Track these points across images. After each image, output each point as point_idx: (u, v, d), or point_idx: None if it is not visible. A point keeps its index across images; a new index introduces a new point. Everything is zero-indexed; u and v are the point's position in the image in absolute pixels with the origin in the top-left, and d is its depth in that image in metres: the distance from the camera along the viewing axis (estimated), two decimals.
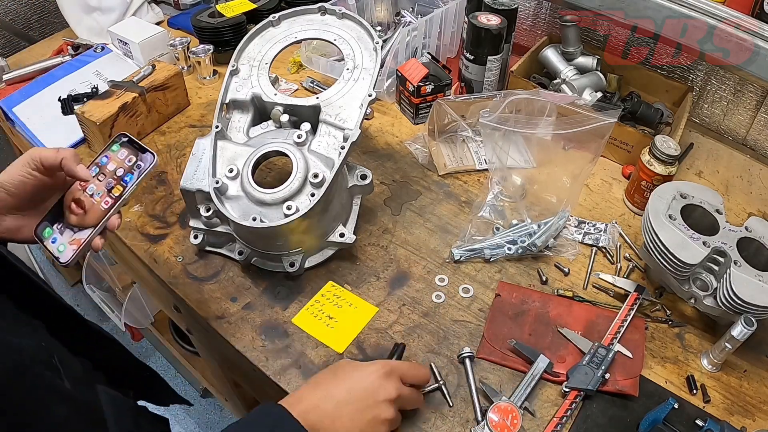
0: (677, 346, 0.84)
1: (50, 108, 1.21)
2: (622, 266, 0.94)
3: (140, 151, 0.71)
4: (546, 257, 0.95)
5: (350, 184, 0.90)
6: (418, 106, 1.18)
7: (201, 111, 1.25)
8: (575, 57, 1.21)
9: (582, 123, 0.96)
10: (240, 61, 0.98)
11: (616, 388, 0.77)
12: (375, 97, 0.90)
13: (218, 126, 0.90)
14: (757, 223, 0.84)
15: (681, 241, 0.81)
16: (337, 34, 0.98)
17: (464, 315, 0.87)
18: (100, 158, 0.71)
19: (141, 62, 1.32)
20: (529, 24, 1.39)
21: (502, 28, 1.11)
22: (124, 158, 0.70)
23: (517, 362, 0.80)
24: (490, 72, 1.17)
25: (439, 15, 1.27)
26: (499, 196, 1.03)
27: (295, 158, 0.85)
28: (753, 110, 1.14)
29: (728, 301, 0.77)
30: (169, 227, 1.00)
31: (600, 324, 0.84)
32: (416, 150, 1.13)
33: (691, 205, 0.87)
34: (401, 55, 1.22)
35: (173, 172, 1.09)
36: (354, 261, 0.94)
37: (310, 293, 0.89)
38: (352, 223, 0.93)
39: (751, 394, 0.79)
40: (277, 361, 0.81)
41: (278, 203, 0.83)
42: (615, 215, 1.03)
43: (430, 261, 0.94)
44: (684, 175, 1.11)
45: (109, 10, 1.42)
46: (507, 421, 0.71)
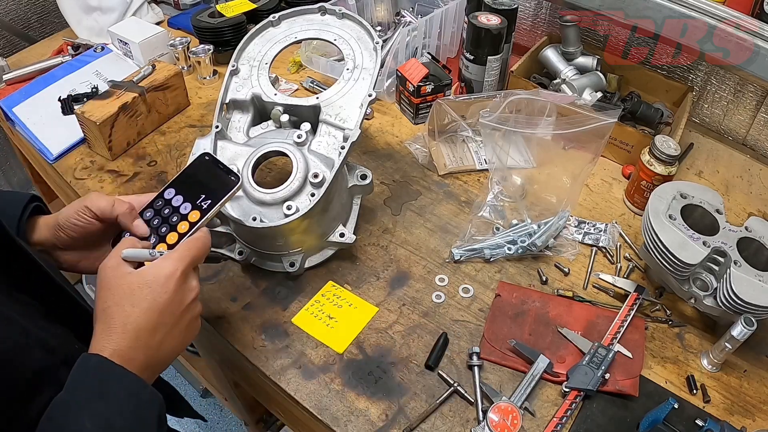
0: (677, 346, 0.84)
1: (50, 108, 1.21)
2: (622, 266, 0.94)
3: (225, 172, 0.69)
4: (546, 257, 0.95)
5: (350, 184, 0.90)
6: (418, 106, 1.18)
7: (201, 111, 1.25)
8: (575, 57, 1.21)
9: (582, 123, 0.96)
10: (240, 61, 0.98)
11: (616, 388, 0.77)
12: (375, 97, 0.90)
13: (218, 126, 0.90)
14: (757, 223, 0.84)
15: (681, 241, 0.81)
16: (337, 34, 0.98)
17: (464, 315, 0.87)
18: (167, 191, 0.69)
19: (141, 62, 1.32)
20: (529, 24, 1.39)
21: (502, 28, 1.11)
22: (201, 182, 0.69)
23: (517, 362, 0.80)
24: (490, 72, 1.17)
25: (439, 15, 1.27)
26: (499, 196, 1.03)
27: (295, 158, 0.85)
28: (753, 110, 1.14)
29: (728, 301, 0.77)
30: None
31: (600, 324, 0.84)
32: (416, 150, 1.13)
33: (691, 205, 0.87)
34: (401, 55, 1.22)
35: (173, 172, 1.09)
36: (354, 261, 0.94)
37: (310, 293, 0.89)
38: (352, 223, 0.93)
39: (751, 394, 0.79)
40: (277, 361, 0.81)
41: (278, 203, 0.83)
42: (615, 215, 1.03)
43: (430, 261, 0.94)
44: (684, 175, 1.11)
45: (109, 10, 1.42)
46: (507, 421, 0.71)
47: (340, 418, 0.75)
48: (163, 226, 0.67)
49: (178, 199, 0.68)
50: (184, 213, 0.67)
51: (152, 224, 0.67)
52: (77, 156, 1.14)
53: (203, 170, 0.71)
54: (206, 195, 0.68)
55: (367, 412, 0.75)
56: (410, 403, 0.76)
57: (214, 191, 0.68)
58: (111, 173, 1.09)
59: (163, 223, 0.67)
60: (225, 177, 0.69)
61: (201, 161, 0.71)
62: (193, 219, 0.66)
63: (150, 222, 0.67)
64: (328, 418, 0.75)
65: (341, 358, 0.81)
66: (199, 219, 0.66)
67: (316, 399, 0.77)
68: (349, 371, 0.80)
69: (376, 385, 0.78)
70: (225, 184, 0.69)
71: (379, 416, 0.75)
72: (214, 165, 0.70)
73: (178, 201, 0.68)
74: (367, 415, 0.75)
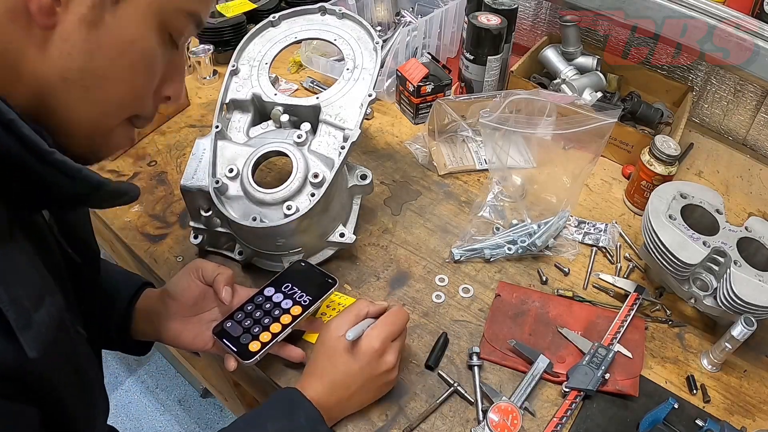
0: (677, 346, 0.84)
1: None
2: (622, 266, 0.94)
3: (322, 276, 0.79)
4: (546, 257, 0.95)
5: (350, 184, 0.90)
6: (418, 106, 1.18)
7: (201, 111, 1.25)
8: (575, 57, 1.21)
9: (582, 123, 0.96)
10: (240, 61, 0.98)
11: (616, 388, 0.77)
12: (375, 97, 0.90)
13: (218, 126, 0.90)
14: (757, 223, 0.84)
15: (681, 241, 0.81)
16: (337, 34, 0.98)
17: (464, 315, 0.87)
18: (267, 289, 0.78)
19: None
20: (529, 24, 1.39)
21: (502, 28, 1.11)
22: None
23: (517, 362, 0.80)
24: (490, 72, 1.17)
25: (439, 15, 1.27)
26: (499, 196, 1.03)
27: (295, 158, 0.85)
28: (753, 110, 1.14)
29: (728, 301, 0.77)
30: (169, 227, 1.00)
31: (600, 324, 0.84)
32: (416, 150, 1.13)
33: (691, 205, 0.87)
34: (401, 55, 1.22)
35: (173, 172, 1.09)
36: (354, 261, 0.94)
37: None
38: (352, 223, 0.93)
39: (751, 394, 0.79)
40: (277, 361, 0.81)
41: (278, 203, 0.83)
42: (615, 215, 1.03)
43: (430, 261, 0.94)
44: (684, 175, 1.11)
45: None
46: (507, 421, 0.71)
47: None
48: (266, 318, 0.74)
49: (279, 296, 0.77)
50: (286, 308, 0.75)
51: (254, 316, 0.75)
52: None
53: (300, 272, 0.81)
54: (306, 293, 0.77)
55: (367, 412, 0.75)
56: (410, 403, 0.76)
57: (312, 290, 0.77)
58: (111, 173, 1.09)
59: (266, 315, 0.75)
60: (322, 279, 0.79)
61: (297, 265, 0.82)
62: (295, 313, 0.75)
63: (252, 314, 0.75)
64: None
65: None
66: (301, 313, 0.74)
67: None
68: None
69: None
70: (323, 284, 0.78)
71: (379, 416, 0.75)
72: (312, 269, 0.81)
73: (278, 298, 0.77)
74: (367, 415, 0.75)
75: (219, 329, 0.74)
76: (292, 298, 0.76)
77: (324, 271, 0.79)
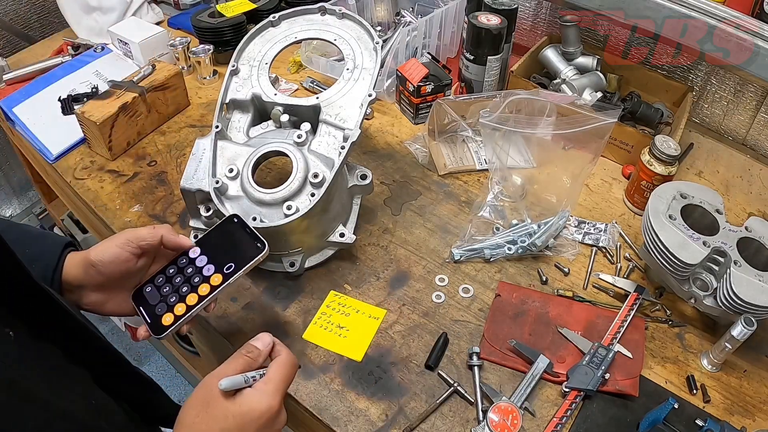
0: (677, 346, 0.84)
1: (50, 108, 1.21)
2: (622, 266, 0.94)
3: (252, 238, 0.70)
4: (546, 257, 0.95)
5: (350, 184, 0.90)
6: (418, 106, 1.18)
7: (201, 111, 1.25)
8: (575, 57, 1.21)
9: (582, 123, 0.96)
10: (240, 61, 0.98)
11: (616, 388, 0.77)
12: (375, 97, 0.90)
13: (218, 126, 0.90)
14: (757, 223, 0.84)
15: (681, 241, 0.81)
16: (337, 34, 0.98)
17: (464, 315, 0.87)
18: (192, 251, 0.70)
19: (141, 62, 1.32)
20: (529, 24, 1.39)
21: (502, 28, 1.11)
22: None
23: (517, 362, 0.80)
24: (490, 72, 1.17)
25: (439, 15, 1.27)
26: (499, 196, 1.03)
27: (295, 158, 0.85)
28: (753, 110, 1.14)
29: (728, 301, 0.77)
30: None
31: (600, 324, 0.84)
32: (416, 150, 1.13)
33: (691, 205, 0.87)
34: (401, 55, 1.22)
35: (173, 172, 1.09)
36: (354, 261, 0.94)
37: (310, 293, 0.89)
38: (352, 223, 0.93)
39: (751, 394, 0.79)
40: None
41: (278, 203, 0.83)
42: (615, 215, 1.03)
43: (430, 261, 0.94)
44: (684, 175, 1.11)
45: (109, 10, 1.42)
46: (507, 421, 0.71)
47: (340, 418, 0.75)
48: (185, 286, 0.68)
49: (203, 259, 0.70)
50: (207, 275, 0.68)
51: (174, 282, 0.69)
52: (77, 156, 1.14)
53: (230, 232, 0.72)
54: (231, 259, 0.69)
55: (367, 412, 0.75)
56: (410, 403, 0.76)
57: (238, 256, 0.69)
58: (111, 173, 1.09)
59: (185, 282, 0.68)
60: (251, 243, 0.70)
61: (229, 222, 0.72)
62: (215, 282, 0.68)
63: (172, 279, 0.69)
64: (328, 418, 0.75)
65: (341, 358, 0.81)
66: (221, 284, 0.68)
67: (316, 399, 0.77)
68: (349, 371, 0.80)
69: (376, 385, 0.78)
70: (250, 250, 0.69)
71: (379, 416, 0.75)
72: (242, 229, 0.71)
73: (202, 261, 0.70)
74: (367, 415, 0.75)
75: (138, 293, 0.69)
76: (215, 263, 0.69)
77: (255, 233, 0.70)
